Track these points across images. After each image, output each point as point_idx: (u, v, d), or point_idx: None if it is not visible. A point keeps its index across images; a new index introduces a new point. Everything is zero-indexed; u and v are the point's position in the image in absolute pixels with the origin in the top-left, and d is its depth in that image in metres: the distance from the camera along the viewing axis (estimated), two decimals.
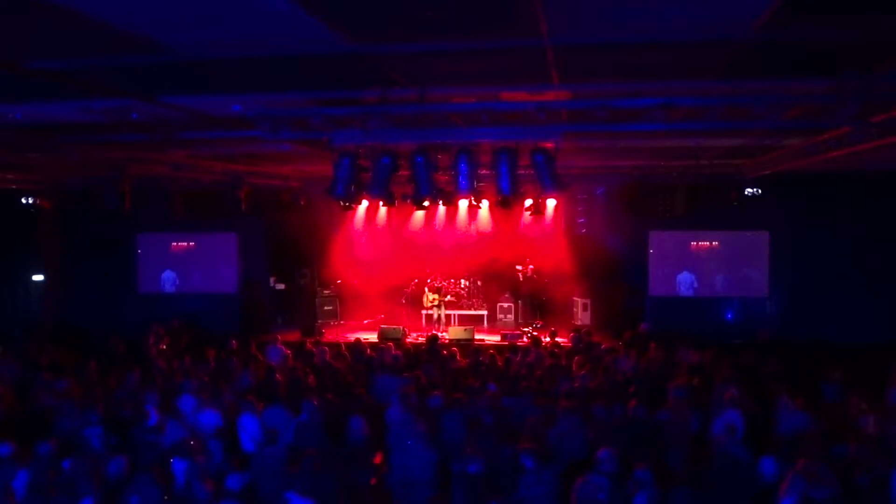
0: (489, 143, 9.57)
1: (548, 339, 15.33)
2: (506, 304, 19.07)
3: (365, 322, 19.24)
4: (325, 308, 19.39)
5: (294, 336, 16.67)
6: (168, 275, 18.94)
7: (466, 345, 15.41)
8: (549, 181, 9.48)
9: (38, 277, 18.69)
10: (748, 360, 12.60)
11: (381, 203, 16.85)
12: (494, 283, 19.44)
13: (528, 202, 16.76)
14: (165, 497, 6.97)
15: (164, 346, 14.71)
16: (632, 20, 5.75)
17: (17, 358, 12.88)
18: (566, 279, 18.87)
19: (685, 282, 17.32)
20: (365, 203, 17.07)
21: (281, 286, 19.63)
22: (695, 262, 17.37)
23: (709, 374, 11.41)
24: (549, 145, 9.25)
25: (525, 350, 13.60)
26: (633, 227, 17.14)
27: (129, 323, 16.90)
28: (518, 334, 16.76)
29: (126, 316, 17.94)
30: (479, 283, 19.12)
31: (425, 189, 9.88)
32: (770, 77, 7.71)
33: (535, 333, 16.35)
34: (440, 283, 18.50)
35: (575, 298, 18.75)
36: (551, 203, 17.38)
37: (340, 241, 19.07)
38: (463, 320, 18.08)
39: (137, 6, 5.34)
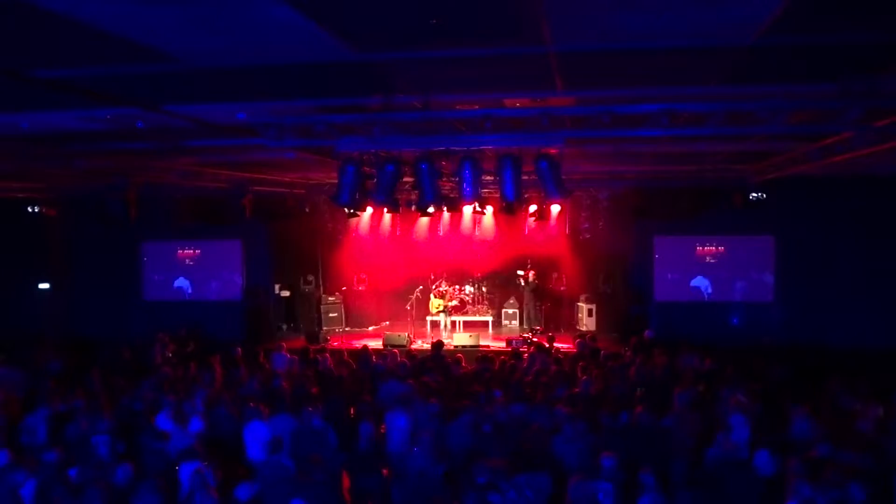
0: (493, 150, 9.59)
1: (546, 345, 15.30)
2: (511, 311, 19.08)
3: (370, 329, 19.28)
4: (330, 315, 19.40)
5: (299, 343, 16.67)
6: (181, 282, 19.03)
7: (472, 351, 15.43)
8: (553, 187, 9.48)
9: (43, 286, 18.76)
10: (754, 365, 12.58)
11: (385, 210, 16.85)
12: (499, 289, 19.47)
13: (533, 208, 16.78)
14: None
15: (170, 354, 14.74)
16: (635, 26, 5.76)
17: (23, 366, 12.90)
18: (571, 285, 18.90)
19: (700, 287, 17.28)
20: (369, 210, 17.08)
21: (286, 293, 19.67)
22: (700, 267, 17.35)
23: (714, 380, 11.39)
24: (553, 151, 9.26)
25: (531, 356, 13.60)
26: (638, 232, 17.16)
27: (135, 330, 16.96)
28: (521, 340, 16.76)
29: (131, 323, 18.02)
30: (483, 289, 19.13)
31: (430, 196, 9.89)
32: (773, 82, 7.71)
33: (534, 339, 16.32)
34: (445, 288, 18.49)
35: (580, 304, 18.76)
36: (555, 208, 17.38)
37: (345, 248, 19.10)
38: (468, 326, 18.06)
39: (141, 16, 5.37)
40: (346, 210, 14.64)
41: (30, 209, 16.73)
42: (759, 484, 7.43)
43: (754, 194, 15.26)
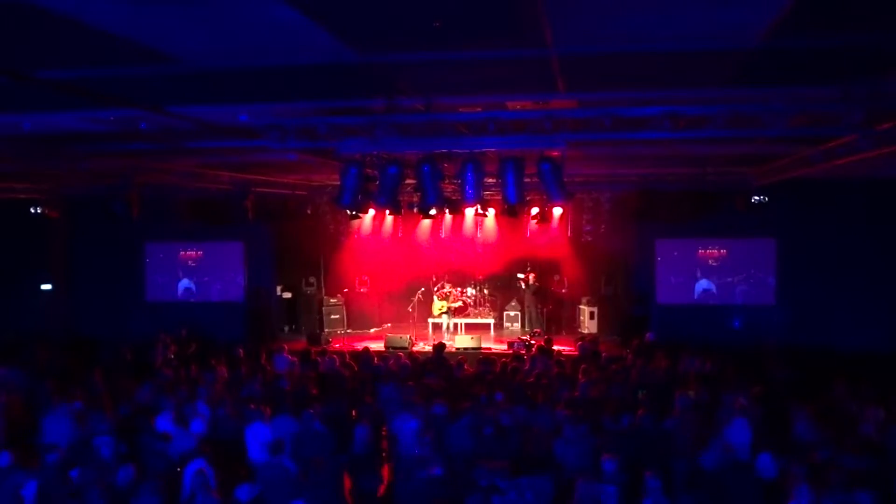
0: (495, 152, 9.59)
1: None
2: (513, 313, 19.06)
3: (372, 331, 19.28)
4: (332, 317, 19.38)
5: (300, 345, 16.67)
6: (184, 283, 19.05)
7: (474, 353, 15.41)
8: (555, 190, 9.48)
9: (46, 286, 18.77)
10: (756, 368, 12.56)
11: (387, 212, 16.85)
12: (501, 291, 19.46)
13: (535, 210, 16.77)
14: None
15: (172, 355, 14.74)
16: (637, 29, 5.77)
17: (25, 367, 12.91)
18: (572, 287, 18.89)
19: (706, 290, 17.24)
20: (371, 212, 17.08)
21: (287, 295, 19.68)
22: (703, 269, 17.33)
23: (716, 383, 11.37)
24: (555, 154, 9.26)
25: (532, 359, 13.58)
26: (640, 234, 17.13)
27: (137, 331, 16.95)
28: (520, 343, 16.71)
29: (134, 324, 18.00)
30: (485, 291, 19.11)
31: (432, 198, 9.88)
32: (776, 85, 7.71)
33: (531, 342, 16.29)
34: (448, 290, 18.48)
35: (581, 306, 18.74)
36: (557, 211, 17.35)
37: (347, 250, 19.09)
38: (470, 329, 18.01)
39: (144, 18, 5.38)
40: (348, 212, 14.64)
41: (32, 210, 16.76)
42: (761, 487, 7.42)
43: (756, 197, 15.24)
